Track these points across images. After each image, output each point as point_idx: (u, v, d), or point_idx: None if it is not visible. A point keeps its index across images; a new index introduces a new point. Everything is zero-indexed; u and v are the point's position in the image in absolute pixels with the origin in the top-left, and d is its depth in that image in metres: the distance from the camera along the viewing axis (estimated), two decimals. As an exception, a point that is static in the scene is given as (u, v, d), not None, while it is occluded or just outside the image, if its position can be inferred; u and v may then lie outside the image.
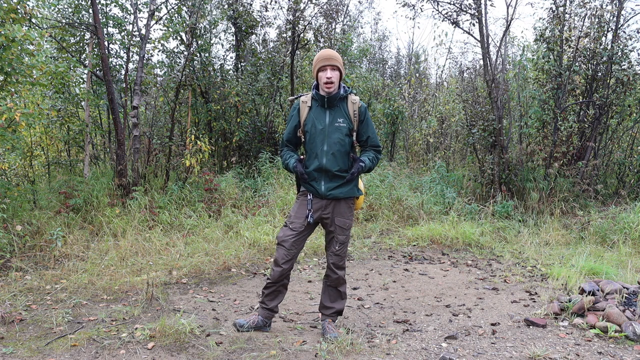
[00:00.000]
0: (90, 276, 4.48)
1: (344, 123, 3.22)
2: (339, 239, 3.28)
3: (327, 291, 3.40)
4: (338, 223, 3.27)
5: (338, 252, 3.29)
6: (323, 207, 3.26)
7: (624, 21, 7.93)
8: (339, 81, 3.20)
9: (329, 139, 3.19)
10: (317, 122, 3.22)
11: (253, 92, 8.72)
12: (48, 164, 7.91)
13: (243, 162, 8.62)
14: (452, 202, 7.32)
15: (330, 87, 3.16)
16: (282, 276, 3.29)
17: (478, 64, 9.91)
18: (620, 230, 6.11)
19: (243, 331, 3.34)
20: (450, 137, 11.08)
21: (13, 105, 4.67)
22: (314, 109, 3.25)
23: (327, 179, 3.22)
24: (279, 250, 3.28)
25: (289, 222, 3.29)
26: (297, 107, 3.30)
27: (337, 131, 3.20)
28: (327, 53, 3.18)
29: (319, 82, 3.21)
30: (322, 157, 3.19)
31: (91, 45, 7.26)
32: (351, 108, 3.26)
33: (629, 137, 9.03)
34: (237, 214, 6.53)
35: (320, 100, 3.23)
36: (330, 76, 3.14)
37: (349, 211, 3.30)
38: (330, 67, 3.15)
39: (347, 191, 3.26)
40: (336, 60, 3.16)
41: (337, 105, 3.24)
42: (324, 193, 3.22)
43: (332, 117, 3.22)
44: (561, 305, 3.73)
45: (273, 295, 3.38)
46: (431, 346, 3.21)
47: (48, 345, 3.13)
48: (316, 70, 3.20)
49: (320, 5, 9.11)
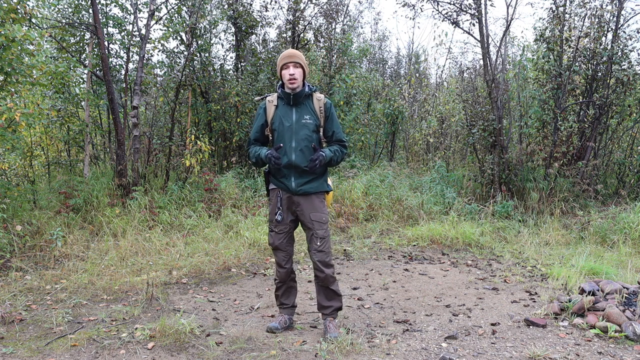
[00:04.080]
0: (90, 276, 4.48)
1: (311, 120, 3.29)
2: (318, 234, 3.29)
3: (321, 291, 3.42)
4: (314, 218, 3.29)
5: (321, 248, 3.30)
6: (294, 202, 3.30)
7: (624, 21, 7.93)
8: (302, 78, 3.29)
9: (297, 136, 3.25)
10: (284, 119, 3.28)
11: (253, 92, 8.72)
12: (48, 164, 7.91)
13: (243, 162, 8.62)
14: (452, 202, 7.31)
15: (294, 82, 3.23)
16: (287, 274, 3.42)
17: (478, 64, 9.91)
18: (620, 230, 6.11)
19: (279, 333, 3.38)
20: (450, 137, 11.08)
21: (13, 105, 4.67)
22: (281, 107, 3.32)
23: (297, 175, 3.27)
24: (277, 254, 3.39)
25: (273, 227, 3.37)
26: (264, 106, 3.38)
27: (305, 127, 3.27)
28: (290, 52, 3.29)
29: (283, 80, 3.28)
30: (290, 154, 3.24)
31: (91, 45, 7.26)
32: (317, 105, 3.33)
33: (629, 137, 9.03)
34: (237, 214, 6.53)
35: (286, 98, 3.30)
36: (292, 72, 3.22)
37: (322, 205, 3.34)
38: (293, 64, 3.23)
39: (317, 186, 3.31)
40: (298, 57, 3.25)
41: (303, 103, 3.32)
42: (295, 189, 3.27)
43: (299, 114, 3.29)
44: (561, 305, 3.73)
45: (287, 293, 3.49)
46: (431, 346, 3.21)
47: (48, 345, 3.13)
48: (280, 68, 3.28)
49: (320, 5, 9.11)
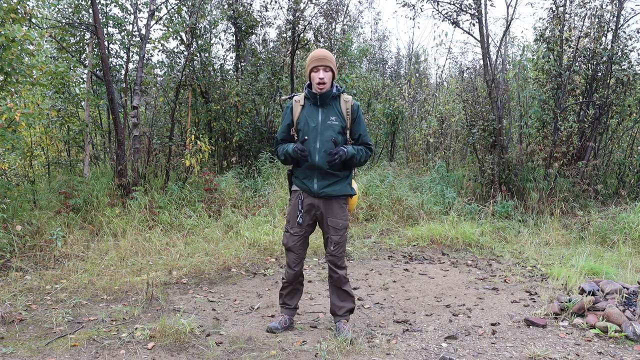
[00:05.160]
0: (90, 276, 4.48)
1: (337, 121, 3.23)
2: (332, 240, 3.27)
3: (334, 291, 3.40)
4: (330, 223, 3.26)
5: (334, 253, 3.29)
6: (315, 206, 3.27)
7: (624, 21, 7.93)
8: (331, 81, 3.22)
9: (322, 137, 3.19)
10: (310, 120, 3.22)
11: (253, 92, 8.72)
12: (48, 164, 7.91)
13: (243, 162, 8.62)
14: (452, 202, 7.31)
15: (323, 87, 3.19)
16: (296, 277, 3.41)
17: (478, 64, 9.91)
18: (620, 230, 6.11)
19: (279, 333, 3.38)
20: (450, 137, 11.07)
21: (13, 105, 4.67)
22: (307, 107, 3.27)
23: (320, 177, 3.22)
24: (288, 255, 3.37)
25: (289, 227, 3.34)
26: (290, 106, 3.32)
27: (330, 129, 3.21)
28: (321, 53, 3.19)
29: (312, 82, 3.23)
30: (314, 155, 3.19)
31: (91, 45, 7.26)
32: (344, 106, 3.27)
33: (629, 137, 9.03)
34: (237, 214, 6.53)
35: (313, 99, 3.25)
36: (322, 77, 3.16)
37: (342, 211, 3.28)
38: (323, 68, 3.17)
39: (340, 189, 3.25)
40: (329, 61, 3.17)
41: (330, 104, 3.26)
42: (317, 191, 3.23)
43: (325, 115, 3.23)
44: (561, 305, 3.73)
45: (292, 294, 3.48)
46: (431, 346, 3.21)
47: (48, 345, 3.13)
48: (309, 70, 3.22)
49: (320, 5, 9.11)
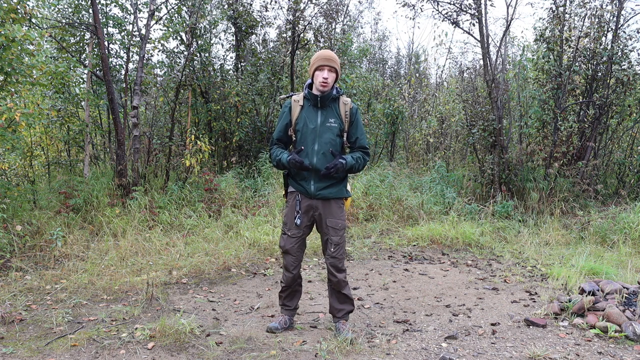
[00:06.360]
0: (90, 276, 4.48)
1: (336, 123, 3.23)
2: (333, 240, 3.27)
3: (334, 294, 3.41)
4: (330, 224, 3.26)
5: (334, 255, 3.27)
6: (313, 207, 3.27)
7: (624, 21, 7.94)
8: (333, 82, 3.23)
9: (320, 139, 3.20)
10: (308, 121, 3.22)
11: (253, 92, 8.72)
12: (48, 164, 7.91)
13: (243, 162, 8.62)
14: (452, 202, 7.31)
15: (325, 87, 3.19)
16: (294, 280, 3.40)
17: (478, 64, 9.91)
18: (620, 230, 6.11)
19: (279, 333, 3.38)
20: (450, 137, 11.08)
21: (13, 105, 4.67)
22: (306, 108, 3.26)
23: (317, 179, 3.22)
24: (286, 258, 3.36)
25: (287, 229, 3.33)
26: (289, 105, 3.31)
27: (329, 131, 3.21)
28: (328, 54, 3.19)
29: (315, 81, 3.22)
30: (312, 157, 3.19)
31: (91, 45, 7.26)
32: (343, 109, 3.28)
33: (629, 137, 9.03)
34: (237, 214, 6.53)
35: (312, 100, 3.25)
36: (326, 77, 3.16)
37: (340, 211, 3.29)
38: (328, 69, 3.17)
39: (336, 191, 3.26)
40: (335, 62, 3.18)
41: (329, 106, 3.26)
42: (313, 193, 3.23)
43: (324, 116, 3.23)
44: (561, 305, 3.73)
45: (291, 296, 3.49)
46: (431, 346, 3.21)
47: (48, 345, 3.13)
48: (314, 68, 3.21)
49: (320, 5, 9.11)
